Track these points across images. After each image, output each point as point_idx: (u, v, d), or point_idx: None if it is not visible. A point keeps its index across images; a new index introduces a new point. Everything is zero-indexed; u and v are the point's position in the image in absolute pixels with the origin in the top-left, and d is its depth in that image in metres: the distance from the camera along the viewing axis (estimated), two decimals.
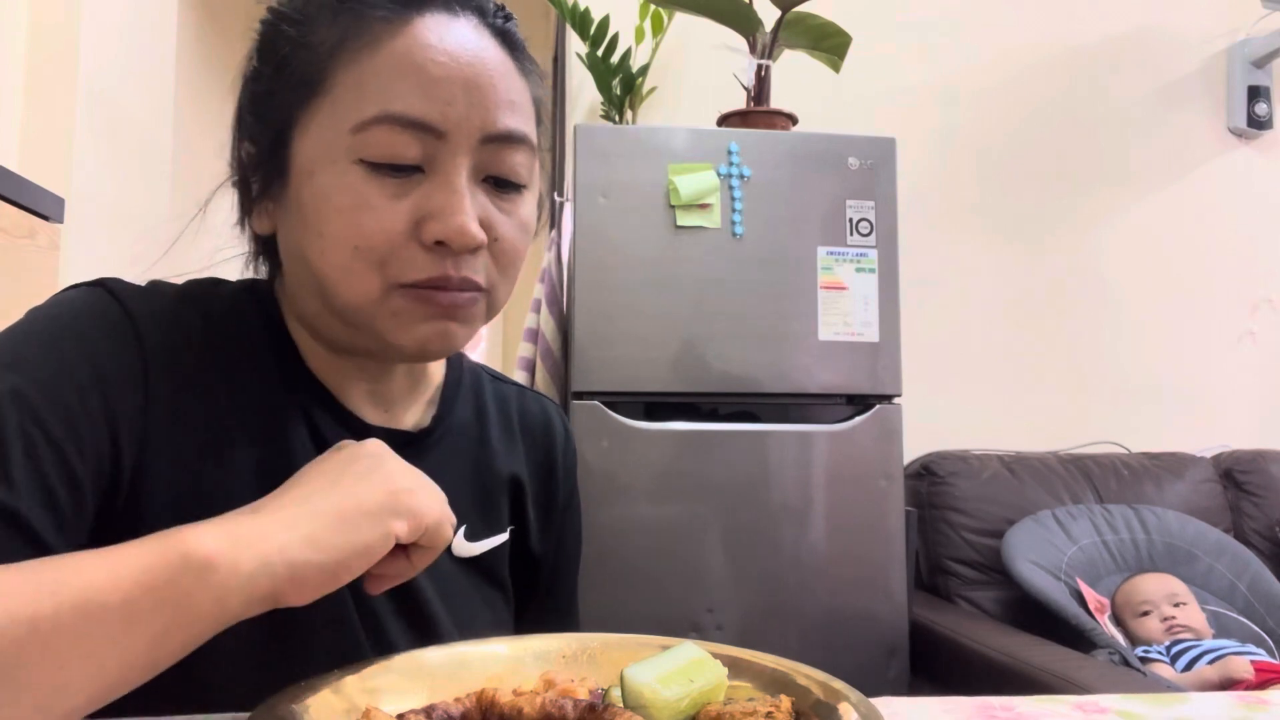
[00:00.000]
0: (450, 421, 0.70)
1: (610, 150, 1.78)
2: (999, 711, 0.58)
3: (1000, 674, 1.63)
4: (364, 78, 0.55)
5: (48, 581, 0.41)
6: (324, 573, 0.47)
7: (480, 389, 0.74)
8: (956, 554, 2.10)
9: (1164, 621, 1.83)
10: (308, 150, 0.56)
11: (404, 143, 0.55)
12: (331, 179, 0.55)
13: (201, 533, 0.45)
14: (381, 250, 0.55)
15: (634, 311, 1.75)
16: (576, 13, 2.08)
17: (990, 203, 2.50)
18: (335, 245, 0.55)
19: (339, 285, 0.56)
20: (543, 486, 0.76)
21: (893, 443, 1.82)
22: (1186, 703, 0.61)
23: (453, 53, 0.56)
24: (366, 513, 0.49)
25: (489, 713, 0.50)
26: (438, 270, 0.56)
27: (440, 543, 0.54)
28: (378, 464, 0.53)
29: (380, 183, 0.55)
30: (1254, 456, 2.32)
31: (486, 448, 0.72)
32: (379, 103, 0.54)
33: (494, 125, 0.57)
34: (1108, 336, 2.52)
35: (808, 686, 0.51)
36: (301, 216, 0.57)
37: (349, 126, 0.55)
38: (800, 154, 1.83)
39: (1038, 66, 2.54)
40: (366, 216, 0.55)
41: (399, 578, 0.55)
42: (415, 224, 0.55)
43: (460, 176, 0.56)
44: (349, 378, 0.64)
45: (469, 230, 0.55)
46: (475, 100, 0.56)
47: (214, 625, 0.44)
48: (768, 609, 1.75)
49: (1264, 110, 2.59)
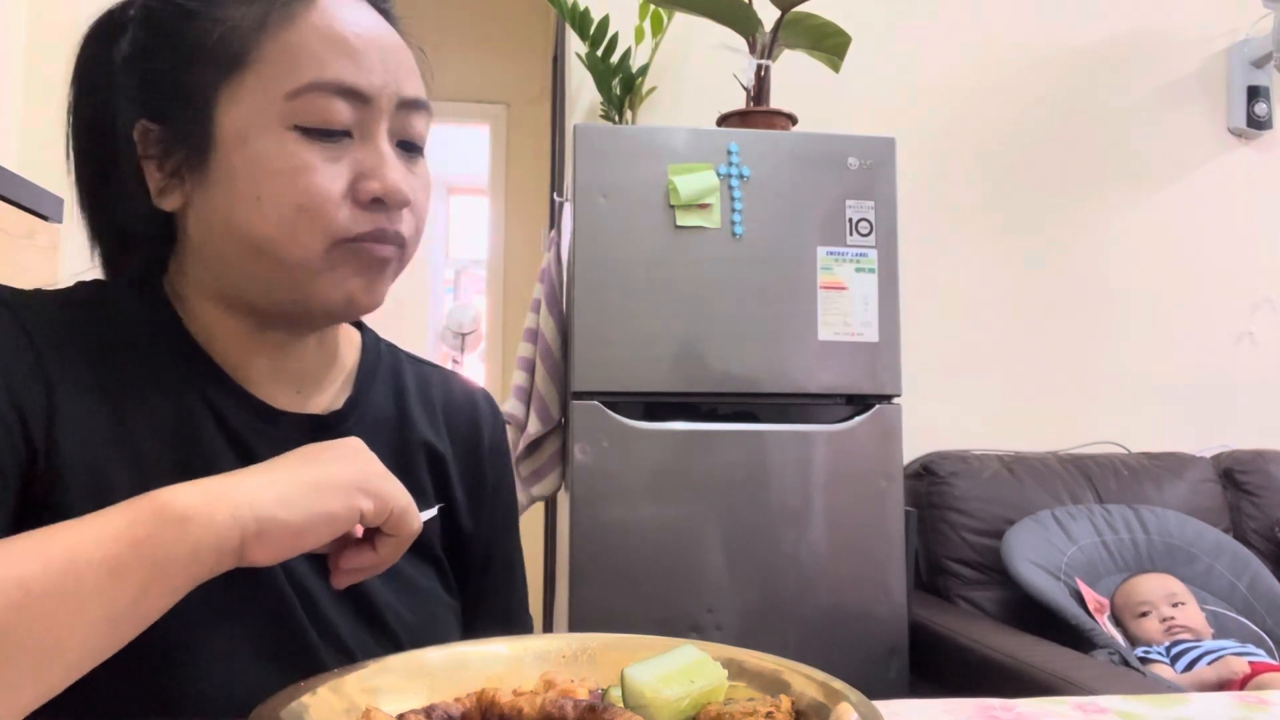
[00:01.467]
0: (366, 403, 0.70)
1: (610, 150, 1.78)
2: (999, 712, 0.58)
3: (1000, 674, 1.63)
4: (292, 49, 0.58)
5: (33, 546, 0.43)
6: (288, 531, 0.49)
7: (399, 370, 0.75)
8: (956, 554, 2.10)
9: (1163, 622, 1.83)
10: (236, 120, 0.58)
11: (335, 108, 0.58)
12: (267, 144, 0.57)
13: (177, 489, 0.47)
14: (324, 209, 0.58)
15: (634, 311, 1.75)
16: (576, 13, 2.08)
17: (990, 203, 2.50)
18: (276, 206, 0.57)
19: (281, 244, 0.58)
20: (468, 464, 0.75)
21: (892, 443, 1.82)
22: (1186, 703, 0.61)
23: (364, 24, 0.60)
24: (336, 485, 0.52)
25: (489, 713, 0.50)
26: (375, 224, 0.60)
27: (406, 530, 0.56)
28: (353, 453, 0.56)
29: (315, 147, 0.58)
30: (1254, 456, 2.32)
31: (407, 426, 0.72)
32: (310, 71, 0.58)
33: (406, 92, 0.61)
34: (1108, 336, 2.52)
35: (807, 686, 0.51)
36: (231, 184, 0.58)
37: (281, 95, 0.57)
38: (800, 154, 1.83)
39: (1037, 66, 2.54)
40: (308, 178, 0.57)
41: (366, 571, 0.57)
42: (350, 184, 0.59)
43: (384, 140, 0.60)
44: (256, 356, 0.65)
45: (403, 188, 0.60)
46: (390, 69, 0.61)
47: (190, 579, 0.47)
48: (768, 609, 1.75)
49: (1264, 110, 2.59)
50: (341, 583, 0.57)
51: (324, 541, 0.52)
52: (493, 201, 3.77)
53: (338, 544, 0.57)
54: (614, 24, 2.10)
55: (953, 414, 2.38)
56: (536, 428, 1.99)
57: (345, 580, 0.57)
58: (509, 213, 3.72)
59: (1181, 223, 2.58)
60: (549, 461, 2.04)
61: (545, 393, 2.00)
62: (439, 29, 3.66)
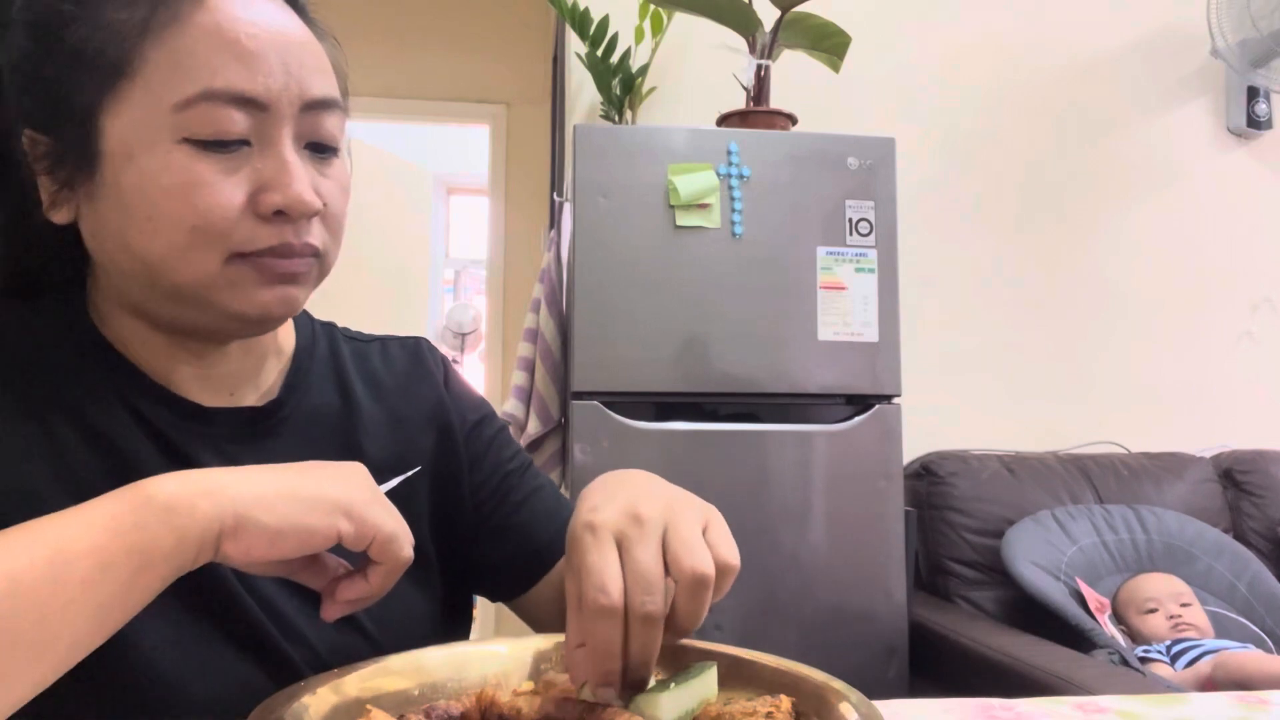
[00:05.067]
0: (304, 390, 0.68)
1: (610, 150, 1.78)
2: (999, 712, 0.59)
3: (1000, 674, 1.63)
4: (178, 56, 0.53)
5: (20, 539, 0.43)
6: (264, 534, 0.48)
7: (337, 348, 0.73)
8: (956, 554, 2.10)
9: (1170, 619, 1.83)
10: (121, 134, 0.54)
11: (229, 118, 0.54)
12: (155, 160, 0.54)
13: (162, 480, 0.47)
14: (221, 226, 0.54)
15: (634, 311, 1.75)
16: (576, 13, 2.08)
17: (990, 203, 2.50)
18: (169, 226, 0.54)
19: (174, 265, 0.55)
20: (434, 417, 0.73)
21: (892, 443, 1.82)
22: (1186, 703, 0.61)
23: (260, 24, 0.56)
24: (319, 501, 0.50)
25: (489, 713, 0.50)
26: (279, 239, 0.56)
27: (395, 559, 0.53)
28: (347, 475, 0.54)
29: (209, 159, 0.54)
30: (1254, 456, 2.32)
31: (352, 408, 0.70)
32: (199, 80, 0.53)
33: (310, 93, 0.57)
34: (1107, 336, 2.52)
35: (808, 687, 0.51)
36: (121, 202, 0.55)
37: (169, 106, 0.53)
38: (800, 154, 1.83)
39: (1037, 66, 2.54)
40: (201, 194, 0.54)
41: (359, 603, 0.55)
42: (250, 196, 0.55)
43: (288, 146, 0.56)
44: (180, 364, 0.62)
45: (306, 198, 0.56)
46: (291, 70, 0.56)
47: (174, 570, 0.46)
48: (768, 609, 1.75)
49: (1263, 110, 2.59)
50: (332, 614, 0.55)
51: (299, 554, 0.50)
52: (493, 201, 3.77)
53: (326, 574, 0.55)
54: (614, 24, 2.10)
55: (953, 414, 2.38)
56: (536, 428, 1.99)
57: (337, 611, 0.55)
58: (509, 213, 3.72)
59: (1181, 223, 2.58)
60: (549, 461, 2.04)
61: (545, 393, 2.00)
62: (438, 29, 3.66)
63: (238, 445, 0.63)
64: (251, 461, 0.53)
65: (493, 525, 0.74)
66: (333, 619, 0.55)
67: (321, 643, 0.62)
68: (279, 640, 0.60)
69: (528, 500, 0.75)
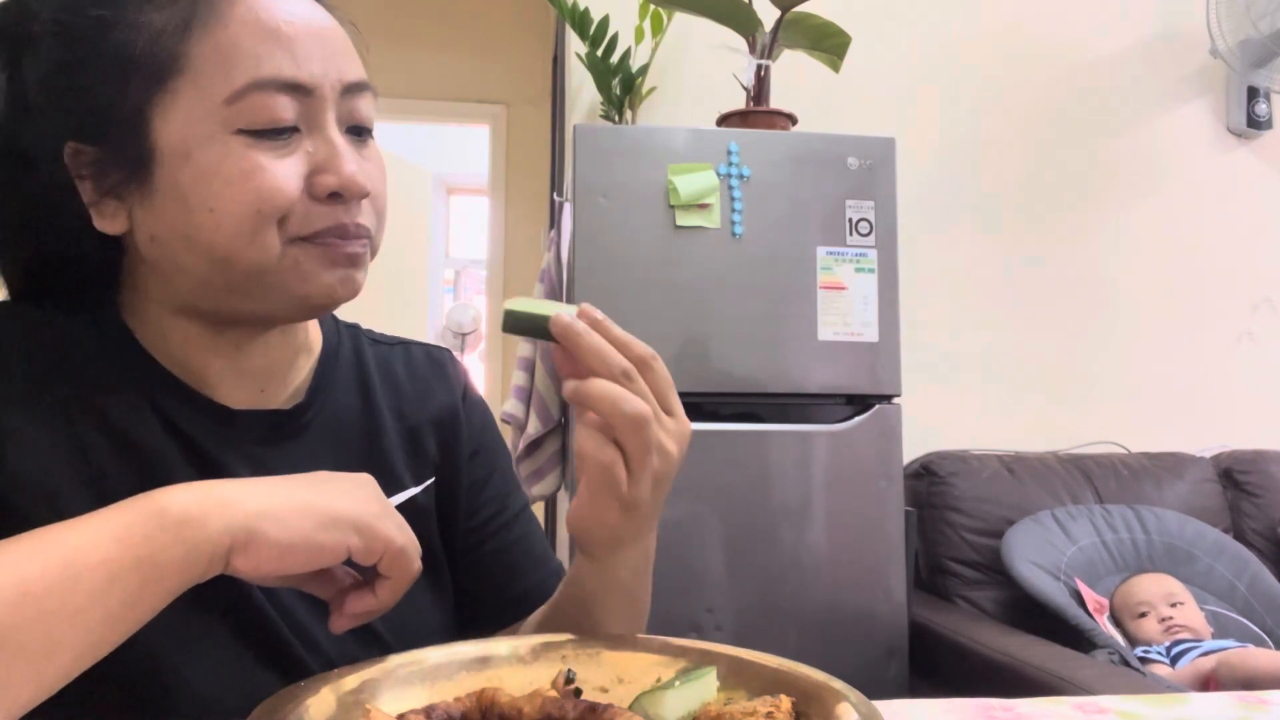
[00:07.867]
0: (329, 393, 0.68)
1: (610, 150, 1.78)
2: (999, 712, 0.59)
3: (1000, 674, 1.63)
4: (224, 49, 0.55)
5: (31, 548, 0.43)
6: (274, 548, 0.48)
7: (361, 351, 0.73)
8: (956, 554, 2.10)
9: (1161, 622, 1.83)
10: (175, 132, 0.55)
11: (279, 105, 0.55)
12: (213, 153, 0.55)
13: (174, 491, 0.47)
14: (283, 209, 0.56)
15: (634, 311, 1.75)
16: (576, 13, 2.08)
17: (990, 202, 2.50)
18: (232, 214, 0.55)
19: (240, 252, 0.56)
20: (450, 429, 0.73)
21: (892, 443, 1.82)
22: (1186, 703, 0.61)
23: (295, 12, 0.57)
24: (330, 516, 0.51)
25: (489, 713, 0.50)
26: (334, 220, 0.58)
27: (404, 574, 0.54)
28: (358, 488, 0.54)
29: (265, 147, 0.55)
30: (1254, 456, 2.32)
31: (373, 412, 0.70)
32: (247, 71, 0.55)
33: (347, 76, 0.59)
34: (1107, 336, 2.52)
35: (807, 687, 0.51)
36: (181, 199, 0.55)
37: (220, 99, 0.54)
38: (800, 154, 1.83)
39: (1038, 66, 2.54)
40: (263, 179, 0.55)
41: (367, 615, 0.55)
42: (305, 179, 0.57)
43: (334, 130, 0.58)
44: (215, 356, 0.63)
45: (360, 179, 0.58)
46: (328, 55, 0.58)
47: (183, 582, 0.46)
48: (767, 609, 1.75)
49: (1263, 110, 2.59)
50: (340, 627, 0.55)
51: (307, 568, 0.50)
52: (493, 201, 3.77)
53: (334, 585, 0.56)
54: (614, 24, 2.10)
55: (953, 414, 2.38)
56: (536, 428, 1.99)
57: (345, 624, 0.55)
58: (509, 213, 3.72)
59: (1181, 223, 2.58)
60: (549, 461, 2.04)
61: (545, 393, 2.00)
62: (439, 29, 3.66)
63: (263, 448, 0.63)
64: (276, 464, 0.54)
65: (479, 555, 0.74)
66: (340, 631, 0.55)
67: (338, 652, 0.62)
68: (298, 649, 0.60)
69: (519, 542, 0.75)
